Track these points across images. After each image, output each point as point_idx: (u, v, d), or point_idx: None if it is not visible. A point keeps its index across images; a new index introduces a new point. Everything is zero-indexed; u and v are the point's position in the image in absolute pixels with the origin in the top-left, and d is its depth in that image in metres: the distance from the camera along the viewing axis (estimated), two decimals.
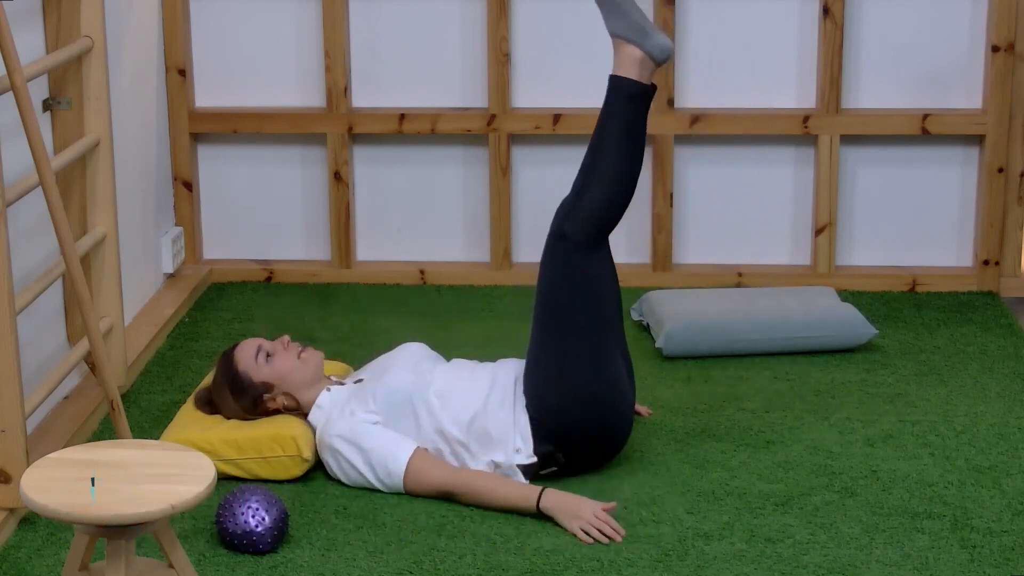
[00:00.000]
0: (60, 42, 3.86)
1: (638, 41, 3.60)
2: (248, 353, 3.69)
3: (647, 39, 3.60)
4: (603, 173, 3.62)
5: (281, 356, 3.69)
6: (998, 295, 4.93)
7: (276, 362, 3.68)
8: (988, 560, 3.22)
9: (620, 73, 3.63)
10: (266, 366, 3.68)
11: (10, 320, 3.25)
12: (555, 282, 3.62)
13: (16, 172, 3.61)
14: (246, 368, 3.68)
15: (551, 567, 3.21)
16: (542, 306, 3.64)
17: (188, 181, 5.05)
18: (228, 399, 3.69)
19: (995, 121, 4.84)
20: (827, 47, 4.84)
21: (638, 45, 3.60)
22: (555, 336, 3.60)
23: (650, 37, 3.60)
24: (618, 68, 3.63)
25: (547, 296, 3.63)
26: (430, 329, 4.63)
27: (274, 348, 3.71)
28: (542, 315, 3.63)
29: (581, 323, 3.58)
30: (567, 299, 3.60)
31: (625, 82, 3.62)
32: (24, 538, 3.33)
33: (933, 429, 3.88)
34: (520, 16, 4.95)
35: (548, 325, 3.61)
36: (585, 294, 3.60)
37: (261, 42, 5.02)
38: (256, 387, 3.67)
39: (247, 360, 3.68)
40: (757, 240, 5.06)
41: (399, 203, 5.11)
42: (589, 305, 3.60)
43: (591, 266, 3.62)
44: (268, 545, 3.26)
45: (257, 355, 3.69)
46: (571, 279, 3.60)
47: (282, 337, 3.76)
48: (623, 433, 3.64)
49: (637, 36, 3.60)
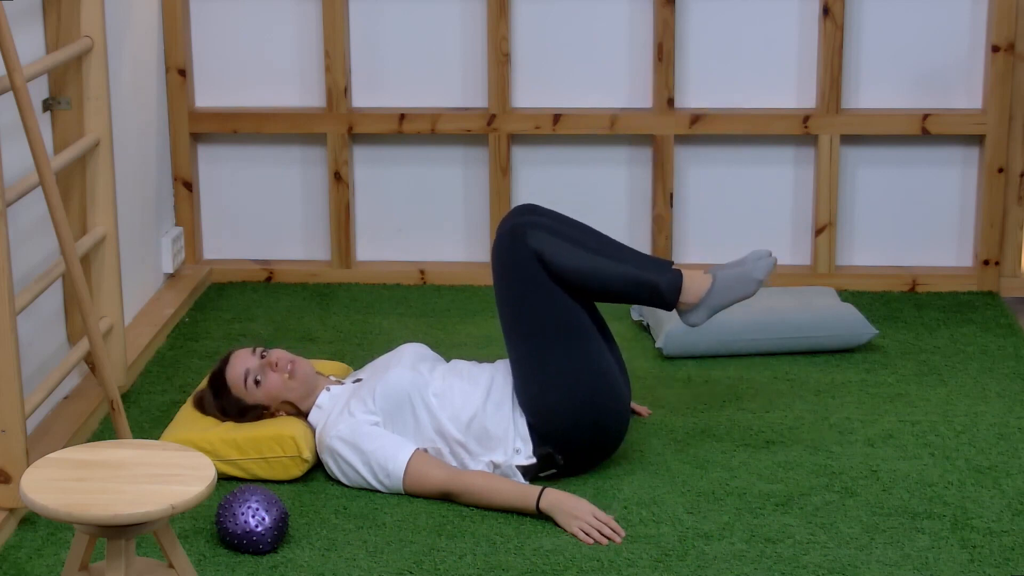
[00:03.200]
0: (60, 42, 3.86)
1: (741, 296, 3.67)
2: (237, 378, 3.66)
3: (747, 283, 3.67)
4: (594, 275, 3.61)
5: (270, 378, 3.66)
6: (998, 295, 4.93)
7: (266, 385, 3.65)
8: (988, 560, 3.22)
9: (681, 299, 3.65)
10: (257, 391, 3.66)
11: (10, 320, 3.25)
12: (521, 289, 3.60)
13: (16, 172, 3.61)
14: (239, 395, 3.67)
15: (551, 567, 3.21)
16: (513, 316, 3.62)
17: (188, 181, 5.05)
18: (226, 419, 3.69)
19: (995, 121, 4.84)
20: (827, 47, 4.84)
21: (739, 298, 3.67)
22: (535, 343, 3.58)
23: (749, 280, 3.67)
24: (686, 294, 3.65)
25: (516, 305, 3.60)
26: (430, 329, 4.63)
27: (263, 370, 3.67)
28: (515, 325, 3.61)
29: (557, 325, 3.57)
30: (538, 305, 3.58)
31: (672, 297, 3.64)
32: (24, 538, 3.33)
33: (933, 429, 3.88)
34: (520, 16, 4.95)
35: (524, 334, 3.59)
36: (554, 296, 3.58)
37: (261, 42, 5.02)
38: (251, 410, 3.68)
39: (237, 388, 3.66)
40: (757, 240, 5.06)
41: (399, 203, 5.11)
42: (560, 305, 3.58)
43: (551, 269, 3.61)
44: (268, 545, 3.26)
45: (246, 381, 3.67)
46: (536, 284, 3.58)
47: (272, 353, 3.71)
48: (619, 431, 3.63)
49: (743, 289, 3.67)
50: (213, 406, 3.71)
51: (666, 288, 3.61)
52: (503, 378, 3.67)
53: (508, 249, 3.60)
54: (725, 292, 3.64)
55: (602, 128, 4.94)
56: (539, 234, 3.58)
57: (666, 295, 3.61)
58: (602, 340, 3.63)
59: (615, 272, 3.60)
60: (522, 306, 3.59)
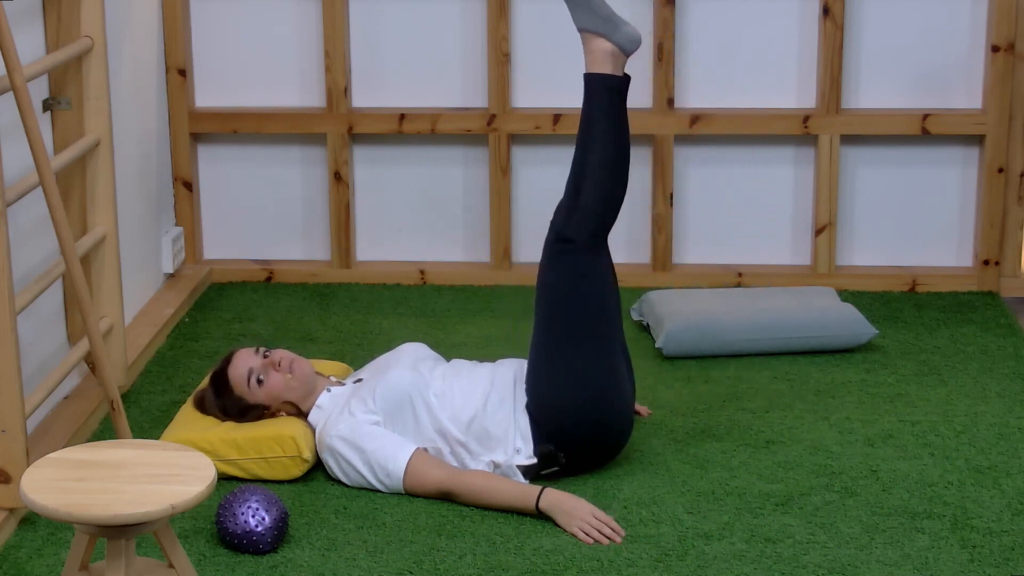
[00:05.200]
0: (60, 42, 3.86)
1: (607, 33, 3.58)
2: (240, 377, 3.67)
3: (616, 31, 3.59)
4: (595, 169, 3.62)
5: (272, 378, 3.67)
6: (998, 295, 4.93)
7: (268, 385, 3.66)
8: (988, 560, 3.22)
9: (594, 70, 3.61)
10: (259, 390, 3.67)
11: (10, 320, 3.25)
12: (558, 286, 3.61)
13: (16, 172, 3.61)
14: (241, 394, 3.68)
15: (551, 567, 3.21)
16: (545, 310, 3.63)
17: (188, 181, 5.05)
18: (226, 419, 3.70)
19: (995, 121, 4.84)
20: (827, 47, 4.84)
21: (607, 37, 3.59)
22: (559, 339, 3.59)
23: (619, 29, 3.59)
24: (591, 66, 3.62)
25: (550, 300, 3.62)
26: (430, 329, 4.63)
27: (265, 370, 3.69)
28: (545, 318, 3.63)
29: (585, 325, 3.58)
30: (571, 302, 3.59)
31: (600, 78, 3.61)
32: (24, 538, 3.33)
33: (933, 429, 3.88)
34: (520, 16, 4.95)
35: (552, 328, 3.61)
36: (588, 296, 3.59)
37: (261, 42, 5.02)
38: (253, 409, 3.68)
39: (240, 387, 3.67)
40: (757, 240, 5.06)
41: (399, 203, 5.11)
42: (592, 307, 3.60)
43: (593, 267, 3.62)
44: (268, 545, 3.26)
45: (249, 380, 3.67)
46: (574, 282, 3.60)
47: (274, 353, 3.72)
48: (624, 434, 3.64)
49: (606, 29, 3.59)
50: (214, 405, 3.71)
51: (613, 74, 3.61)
52: (504, 378, 3.67)
53: (549, 242, 3.64)
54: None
55: None
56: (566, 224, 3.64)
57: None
58: (621, 344, 3.64)
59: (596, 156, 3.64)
60: (556, 299, 3.61)
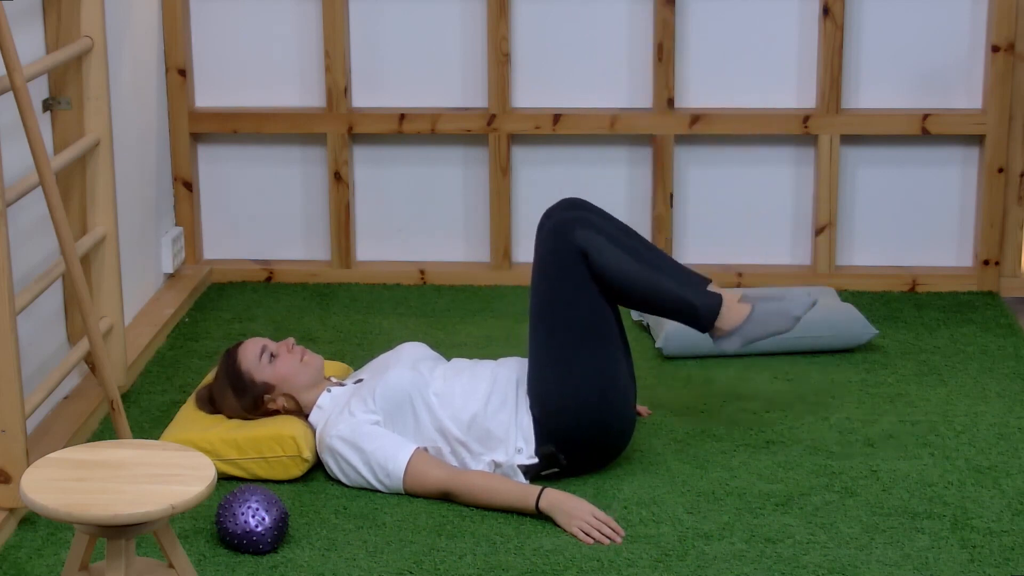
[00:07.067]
0: (60, 42, 3.86)
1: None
2: (252, 352, 3.70)
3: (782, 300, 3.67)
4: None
5: (284, 358, 3.69)
6: (998, 295, 4.93)
7: (279, 363, 3.68)
8: (988, 560, 3.22)
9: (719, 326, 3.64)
10: (269, 367, 3.68)
11: (10, 320, 3.25)
12: (558, 283, 3.61)
13: (16, 172, 3.61)
14: (249, 367, 3.68)
15: (551, 567, 3.21)
16: (545, 308, 3.63)
17: (188, 181, 5.05)
18: (229, 397, 3.69)
19: (995, 121, 4.84)
20: (827, 47, 4.84)
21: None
22: (561, 337, 3.59)
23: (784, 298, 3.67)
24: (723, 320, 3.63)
25: (550, 298, 3.61)
26: (430, 329, 4.63)
27: (278, 349, 3.71)
28: (545, 317, 3.62)
29: (586, 326, 3.58)
30: (572, 301, 3.59)
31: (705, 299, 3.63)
32: (24, 538, 3.33)
33: (933, 429, 3.88)
34: (520, 16, 4.95)
35: (552, 327, 3.60)
36: (590, 295, 3.59)
37: (261, 42, 5.02)
38: (257, 387, 3.67)
39: (251, 359, 3.68)
40: (757, 240, 5.06)
41: (399, 203, 5.11)
42: (593, 306, 3.59)
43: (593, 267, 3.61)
44: (268, 545, 3.26)
45: (261, 355, 3.69)
46: (575, 281, 3.59)
47: (287, 340, 3.76)
48: (625, 435, 3.64)
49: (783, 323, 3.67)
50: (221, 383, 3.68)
51: (704, 312, 3.60)
52: (505, 377, 3.67)
53: (553, 243, 3.60)
54: (761, 324, 3.63)
55: (602, 128, 4.94)
56: (587, 232, 3.58)
57: (703, 319, 3.61)
58: (621, 345, 3.64)
59: (658, 286, 3.59)
60: (557, 301, 3.59)
